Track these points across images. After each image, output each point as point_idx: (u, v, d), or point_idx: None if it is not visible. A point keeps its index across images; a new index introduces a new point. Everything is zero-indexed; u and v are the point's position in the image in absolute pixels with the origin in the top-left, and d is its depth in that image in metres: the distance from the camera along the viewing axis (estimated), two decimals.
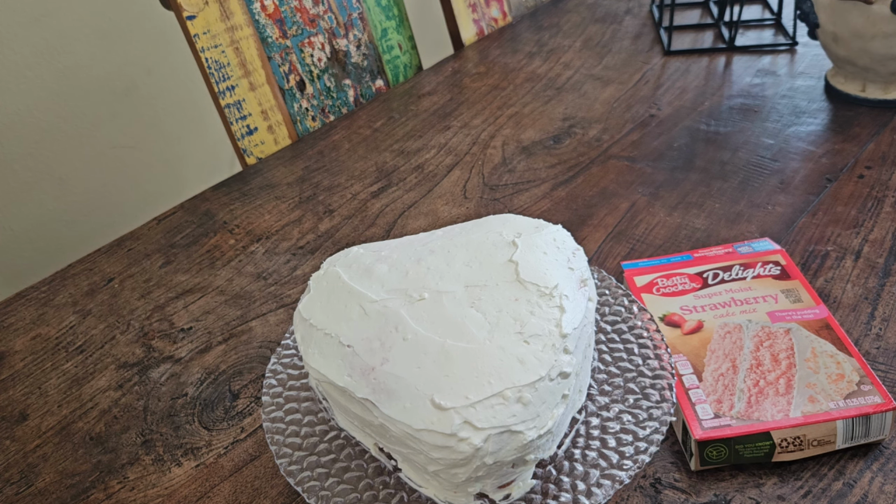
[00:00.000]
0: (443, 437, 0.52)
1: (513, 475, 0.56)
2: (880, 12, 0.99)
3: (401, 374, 0.54)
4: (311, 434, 0.63)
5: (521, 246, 0.62)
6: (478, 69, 1.29)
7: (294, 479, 0.59)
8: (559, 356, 0.55)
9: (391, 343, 0.56)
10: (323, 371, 0.57)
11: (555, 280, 0.59)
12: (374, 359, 0.56)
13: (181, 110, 1.60)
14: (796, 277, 0.75)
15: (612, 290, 0.72)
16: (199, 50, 1.07)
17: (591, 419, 0.62)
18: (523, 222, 0.66)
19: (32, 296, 0.89)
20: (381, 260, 0.63)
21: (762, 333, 0.69)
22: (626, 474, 0.57)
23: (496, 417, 0.52)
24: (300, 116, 1.18)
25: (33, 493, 0.67)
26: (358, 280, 0.62)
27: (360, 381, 0.55)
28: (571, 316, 0.57)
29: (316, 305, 0.61)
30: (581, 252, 0.64)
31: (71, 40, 1.41)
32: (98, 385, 0.77)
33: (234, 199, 1.02)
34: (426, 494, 0.57)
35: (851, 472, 0.63)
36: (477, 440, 0.51)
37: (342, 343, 0.57)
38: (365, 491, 0.59)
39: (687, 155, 1.03)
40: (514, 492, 0.57)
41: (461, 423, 0.51)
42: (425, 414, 0.52)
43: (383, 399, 0.54)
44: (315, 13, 1.21)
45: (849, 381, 0.65)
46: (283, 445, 0.62)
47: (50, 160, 1.43)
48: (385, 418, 0.54)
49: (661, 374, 0.64)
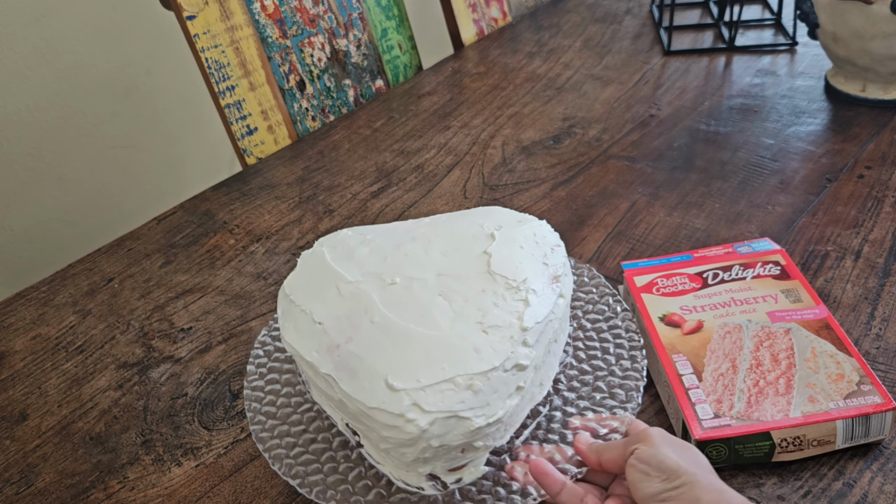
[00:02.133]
0: (392, 417, 0.54)
1: (463, 460, 0.57)
2: (880, 12, 0.99)
3: (362, 353, 0.57)
4: (286, 405, 0.67)
5: (498, 238, 0.64)
6: (478, 69, 1.29)
7: (263, 445, 0.63)
8: (517, 348, 0.57)
9: (358, 324, 0.59)
10: (295, 345, 0.61)
11: (524, 274, 0.61)
12: (340, 337, 0.58)
13: (181, 110, 1.60)
14: (796, 277, 0.75)
15: (600, 289, 0.73)
16: (199, 50, 1.07)
17: (555, 413, 0.64)
18: (507, 215, 0.68)
19: (32, 296, 0.89)
20: (364, 243, 0.66)
21: (762, 333, 0.69)
22: (578, 469, 0.59)
23: (444, 402, 0.54)
24: (300, 116, 1.18)
25: (33, 493, 0.67)
26: (339, 261, 0.64)
27: (326, 358, 0.58)
28: (535, 310, 0.59)
29: (298, 282, 0.65)
30: (561, 248, 0.65)
31: (71, 40, 1.41)
32: (98, 385, 0.77)
33: (234, 199, 1.02)
34: (383, 471, 0.60)
35: (851, 472, 0.63)
36: (423, 422, 0.53)
37: (314, 320, 0.60)
38: (327, 463, 0.62)
39: (687, 155, 1.03)
40: (466, 476, 0.58)
41: (410, 405, 0.54)
42: (378, 393, 0.55)
43: (344, 376, 0.57)
44: (315, 13, 1.21)
45: (849, 381, 0.65)
46: (259, 413, 0.65)
47: (50, 160, 1.43)
48: (343, 394, 0.57)
49: (631, 375, 0.65)
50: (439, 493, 0.59)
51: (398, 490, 0.59)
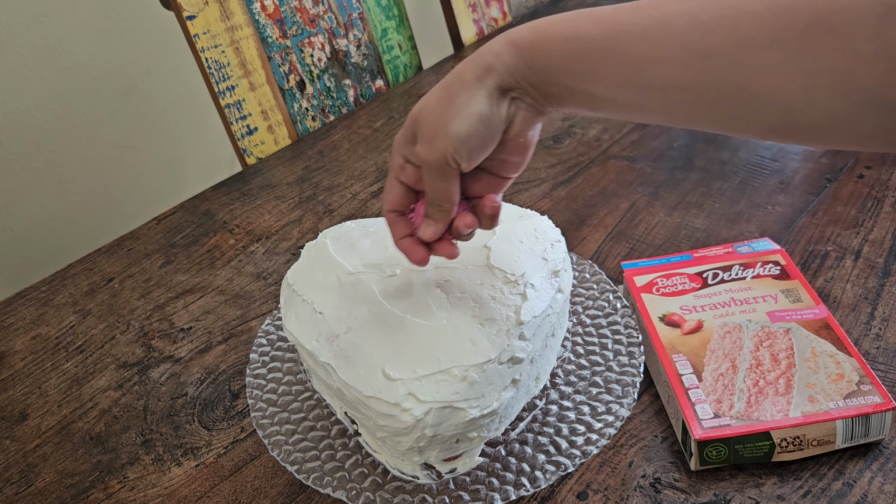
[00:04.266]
0: (388, 406, 0.55)
1: (458, 450, 0.58)
2: None
3: (361, 343, 0.58)
4: (287, 393, 0.68)
5: (498, 233, 0.65)
6: None
7: (263, 432, 0.64)
8: (513, 341, 0.57)
9: (358, 314, 0.59)
10: (296, 334, 0.61)
11: (523, 268, 0.61)
12: (340, 327, 0.59)
13: (181, 110, 1.60)
14: (796, 277, 0.75)
15: (601, 286, 0.73)
16: (199, 50, 1.07)
17: (552, 407, 0.65)
18: (508, 210, 0.69)
19: (32, 296, 0.89)
20: (367, 235, 0.67)
21: (762, 333, 0.69)
22: (571, 462, 0.59)
23: (439, 392, 0.54)
24: (300, 116, 1.18)
25: (33, 493, 0.67)
26: (341, 252, 0.65)
27: (325, 347, 0.59)
28: (533, 304, 0.59)
29: (301, 273, 0.65)
30: (561, 244, 0.66)
31: (71, 40, 1.41)
32: (98, 385, 0.77)
33: (234, 199, 1.02)
34: (379, 459, 0.61)
35: (851, 471, 0.63)
36: (418, 412, 0.54)
37: (316, 310, 0.61)
38: (325, 450, 0.63)
39: (687, 155, 1.03)
40: (461, 466, 0.59)
41: (405, 395, 0.54)
42: (375, 382, 0.56)
43: (342, 365, 0.58)
44: (315, 13, 1.21)
45: (848, 381, 0.65)
46: (260, 400, 0.66)
47: (50, 160, 1.43)
48: (341, 383, 0.57)
49: (628, 371, 0.66)
50: (434, 482, 0.59)
51: (394, 478, 0.60)
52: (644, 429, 0.67)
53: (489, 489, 0.59)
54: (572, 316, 0.72)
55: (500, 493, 0.59)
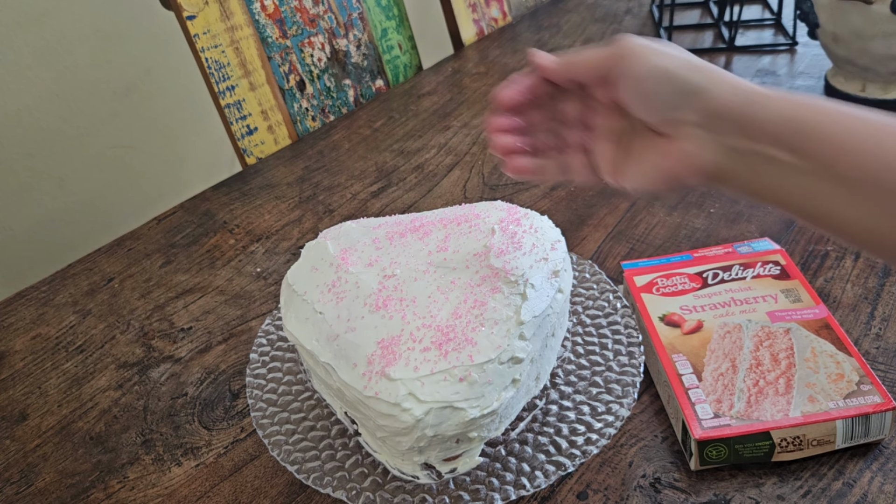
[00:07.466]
0: (388, 406, 0.55)
1: (458, 450, 0.58)
2: (880, 12, 0.99)
3: (360, 343, 0.58)
4: (287, 392, 0.68)
5: (498, 232, 0.64)
6: (478, 69, 1.29)
7: (263, 432, 0.64)
8: (513, 341, 0.57)
9: (358, 313, 0.59)
10: (296, 334, 0.62)
11: (523, 268, 0.61)
12: (340, 327, 0.59)
13: (181, 110, 1.60)
14: (796, 277, 0.75)
15: (601, 286, 0.73)
16: (199, 50, 1.07)
17: (552, 406, 0.65)
18: (509, 210, 0.68)
19: (32, 296, 0.89)
20: (367, 235, 0.67)
21: (762, 333, 0.69)
22: (571, 462, 0.59)
23: (439, 392, 0.54)
24: (300, 116, 1.18)
25: (33, 493, 0.67)
26: (342, 252, 0.65)
27: (325, 347, 0.59)
28: (533, 304, 0.59)
29: (301, 273, 0.65)
30: (561, 244, 0.66)
31: (71, 40, 1.41)
32: (98, 385, 0.77)
33: (234, 199, 1.02)
34: (379, 459, 0.61)
35: (851, 471, 0.63)
36: (418, 412, 0.54)
37: (315, 310, 0.61)
38: (325, 450, 0.63)
39: None
40: (461, 466, 0.59)
41: (406, 395, 0.54)
42: (375, 382, 0.55)
43: (342, 364, 0.58)
44: (315, 13, 1.21)
45: (848, 381, 0.65)
46: (260, 400, 0.67)
47: (50, 160, 1.43)
48: (341, 383, 0.57)
49: (628, 371, 0.66)
50: (434, 482, 0.60)
51: (394, 478, 0.60)
52: (644, 429, 0.67)
53: (489, 489, 0.59)
54: (572, 316, 0.72)
55: (500, 493, 0.59)
